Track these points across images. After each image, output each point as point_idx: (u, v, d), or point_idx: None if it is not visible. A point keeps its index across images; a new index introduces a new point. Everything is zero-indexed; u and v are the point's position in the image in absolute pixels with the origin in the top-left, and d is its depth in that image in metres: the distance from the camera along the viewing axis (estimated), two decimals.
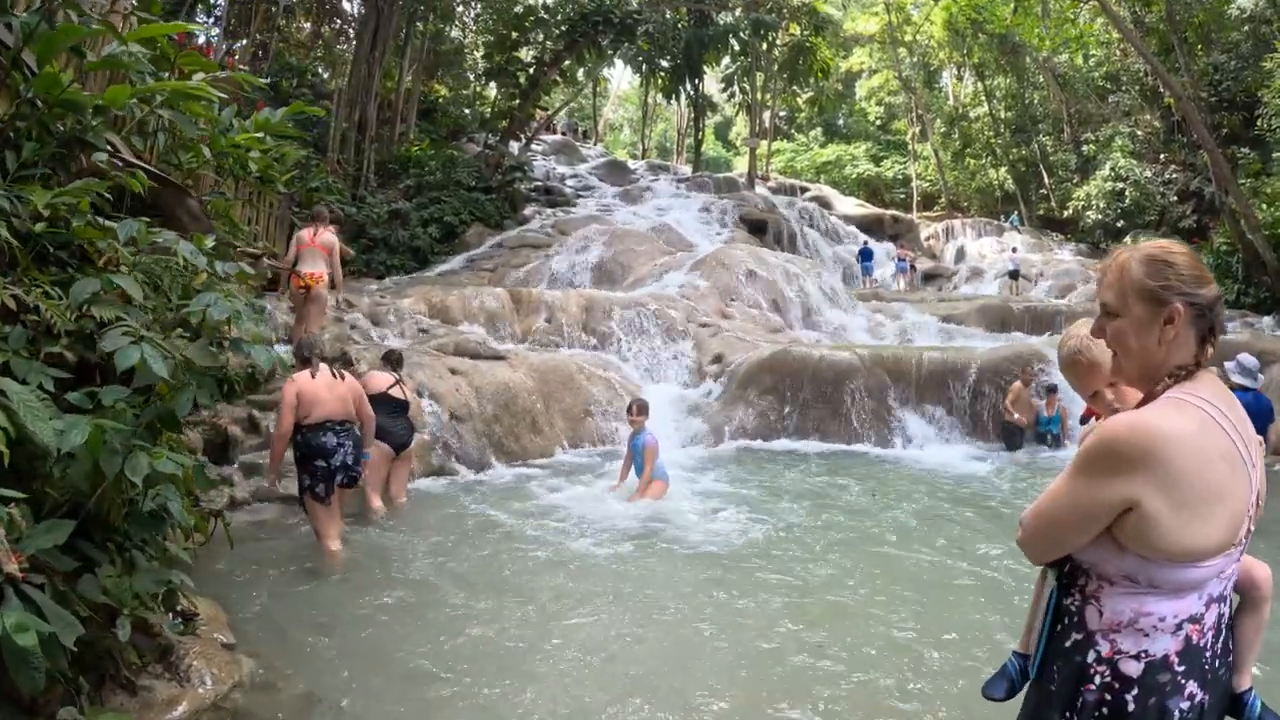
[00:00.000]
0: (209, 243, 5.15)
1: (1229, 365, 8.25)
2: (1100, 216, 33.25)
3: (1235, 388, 8.06)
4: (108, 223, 3.60)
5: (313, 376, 6.30)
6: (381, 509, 7.12)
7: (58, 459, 2.60)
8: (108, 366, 3.05)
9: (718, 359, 13.52)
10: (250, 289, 11.07)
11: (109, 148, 4.50)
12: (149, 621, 3.10)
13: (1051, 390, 12.25)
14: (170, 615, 3.33)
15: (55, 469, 2.66)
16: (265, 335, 3.57)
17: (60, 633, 2.32)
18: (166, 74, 5.93)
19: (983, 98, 41.54)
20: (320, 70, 31.18)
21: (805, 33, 36.30)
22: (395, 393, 7.47)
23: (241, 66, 25.67)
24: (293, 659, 4.02)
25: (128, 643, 2.87)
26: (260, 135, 8.76)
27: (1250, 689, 1.95)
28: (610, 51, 32.83)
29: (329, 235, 9.91)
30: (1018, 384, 12.26)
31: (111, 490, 2.77)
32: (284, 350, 7.85)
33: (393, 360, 7.84)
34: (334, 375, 6.49)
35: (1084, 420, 10.52)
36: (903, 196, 46.59)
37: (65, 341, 3.10)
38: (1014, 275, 27.51)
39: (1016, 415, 12.08)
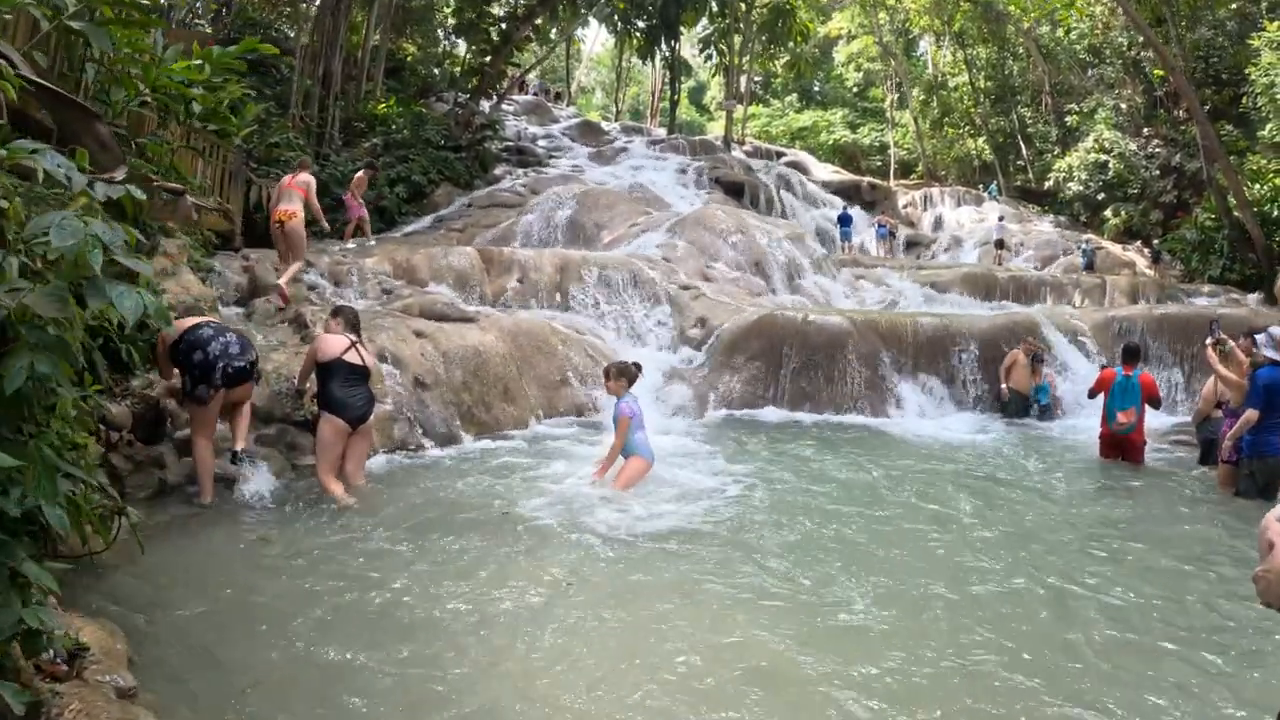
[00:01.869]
0: (120, 174, 4.27)
1: (1260, 338, 7.87)
2: (1081, 188, 32.81)
3: (1267, 362, 7.61)
4: None
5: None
6: (343, 496, 6.16)
7: None
8: None
9: (700, 323, 12.75)
10: (200, 244, 10.17)
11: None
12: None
13: (1038, 360, 11.79)
14: (53, 659, 2.45)
15: None
16: (152, 278, 2.65)
17: None
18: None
19: (962, 66, 40.81)
20: (285, 28, 29.70)
21: None
22: (351, 357, 6.45)
23: (201, 23, 24.29)
24: (211, 705, 3.04)
25: None
26: (200, 64, 7.80)
27: None
28: (585, 10, 31.60)
29: (306, 176, 10.41)
30: (1016, 351, 11.89)
31: None
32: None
33: (348, 319, 6.75)
34: None
35: (1092, 394, 10.05)
36: (879, 164, 45.98)
37: None
38: (1000, 244, 27.23)
39: (1004, 385, 11.70)
